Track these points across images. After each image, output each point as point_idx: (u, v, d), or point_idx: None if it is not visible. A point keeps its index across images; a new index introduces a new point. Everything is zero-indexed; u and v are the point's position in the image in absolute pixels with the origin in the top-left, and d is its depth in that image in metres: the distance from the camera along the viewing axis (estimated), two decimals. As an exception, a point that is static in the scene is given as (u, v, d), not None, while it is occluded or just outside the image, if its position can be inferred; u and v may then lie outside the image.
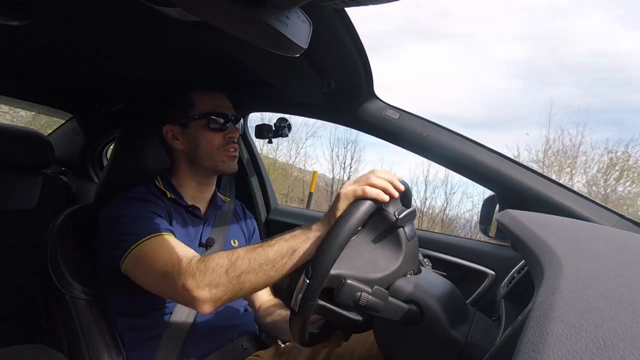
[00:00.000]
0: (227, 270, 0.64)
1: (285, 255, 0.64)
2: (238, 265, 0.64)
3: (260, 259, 0.64)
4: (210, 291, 0.64)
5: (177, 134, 0.92)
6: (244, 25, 0.46)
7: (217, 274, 0.64)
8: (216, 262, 0.65)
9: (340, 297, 0.52)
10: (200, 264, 0.66)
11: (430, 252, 1.08)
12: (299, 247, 0.64)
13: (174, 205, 0.89)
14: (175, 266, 0.67)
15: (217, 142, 0.90)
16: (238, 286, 0.64)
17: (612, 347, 0.20)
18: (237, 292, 0.65)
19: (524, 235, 0.47)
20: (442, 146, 0.96)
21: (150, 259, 0.71)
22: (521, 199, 0.88)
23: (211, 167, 0.91)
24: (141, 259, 0.72)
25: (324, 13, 0.67)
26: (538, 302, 0.27)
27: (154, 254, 0.71)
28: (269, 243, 0.66)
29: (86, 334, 0.80)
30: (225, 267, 0.64)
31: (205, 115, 0.89)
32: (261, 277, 0.64)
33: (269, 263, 0.64)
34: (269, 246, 0.66)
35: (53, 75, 1.18)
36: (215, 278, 0.64)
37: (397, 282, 0.59)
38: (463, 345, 0.55)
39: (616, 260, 0.38)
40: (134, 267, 0.73)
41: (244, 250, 0.66)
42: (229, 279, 0.64)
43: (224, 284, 0.64)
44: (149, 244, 0.72)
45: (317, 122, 8.62)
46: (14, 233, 1.22)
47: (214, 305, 0.65)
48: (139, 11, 0.69)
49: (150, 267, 0.71)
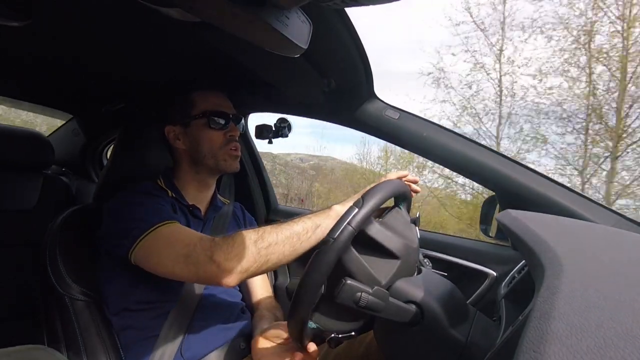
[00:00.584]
0: (256, 242, 0.67)
1: (309, 230, 0.69)
2: (266, 238, 0.67)
3: (287, 232, 0.68)
4: (239, 262, 0.66)
5: (179, 134, 0.92)
6: (244, 26, 0.46)
7: (245, 245, 0.67)
8: (244, 236, 0.68)
9: (340, 297, 0.52)
10: (227, 239, 0.68)
11: (430, 252, 1.08)
12: (321, 223, 0.70)
13: (176, 204, 0.90)
14: (197, 245, 0.69)
15: (219, 141, 0.91)
16: (266, 257, 0.67)
17: (613, 347, 0.20)
18: (264, 264, 0.68)
19: (524, 235, 0.47)
20: (442, 146, 0.96)
21: (168, 243, 0.72)
22: (521, 199, 0.88)
23: (213, 166, 0.91)
24: (156, 244, 0.73)
25: (324, 13, 0.67)
26: (538, 302, 0.27)
27: (171, 237, 0.73)
28: (293, 220, 0.71)
29: (84, 335, 0.80)
30: (254, 239, 0.67)
31: (205, 115, 0.90)
32: (288, 248, 0.68)
33: (295, 236, 0.68)
34: (293, 222, 0.70)
35: (53, 76, 1.18)
36: (243, 249, 0.66)
37: (397, 283, 0.59)
38: (463, 345, 0.55)
39: (616, 259, 0.38)
40: (147, 254, 0.73)
41: (270, 226, 0.70)
42: (257, 249, 0.67)
43: (252, 254, 0.66)
44: (162, 229, 0.73)
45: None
46: (14, 233, 1.22)
47: (239, 277, 0.67)
48: (139, 11, 0.69)
49: (168, 251, 0.71)
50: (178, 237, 0.72)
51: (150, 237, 0.73)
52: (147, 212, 0.77)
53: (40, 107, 1.57)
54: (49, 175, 1.36)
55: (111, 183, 0.97)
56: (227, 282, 0.67)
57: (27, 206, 1.26)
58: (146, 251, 0.73)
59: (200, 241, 0.70)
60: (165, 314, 0.82)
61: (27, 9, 0.72)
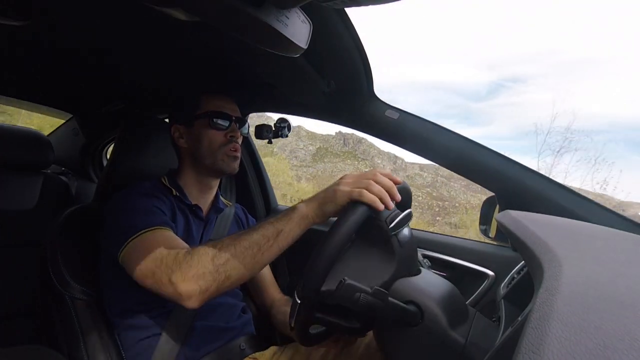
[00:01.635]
0: (213, 258, 0.63)
1: (270, 237, 0.64)
2: (224, 253, 0.63)
3: (246, 243, 0.64)
4: (197, 283, 0.62)
5: (183, 133, 0.94)
6: (244, 26, 0.46)
7: (203, 263, 0.63)
8: (202, 252, 0.64)
9: (339, 298, 0.52)
10: (187, 256, 0.65)
11: (430, 252, 1.08)
12: (283, 228, 0.64)
13: (177, 203, 0.90)
14: (163, 262, 0.66)
15: (218, 141, 0.91)
16: (225, 274, 0.63)
17: (612, 348, 0.20)
18: (225, 282, 0.64)
19: (523, 235, 0.47)
20: (441, 146, 0.96)
21: (144, 253, 0.70)
22: (521, 199, 0.88)
23: (211, 166, 0.92)
24: (135, 252, 0.71)
25: (324, 13, 0.67)
26: (538, 303, 0.27)
27: (149, 247, 0.70)
28: (253, 227, 0.66)
29: (85, 335, 0.80)
30: (211, 255, 0.63)
31: (208, 114, 0.91)
32: (249, 261, 0.64)
33: (254, 246, 0.64)
34: (253, 230, 0.65)
35: (53, 76, 1.18)
36: (201, 268, 0.63)
37: (396, 283, 0.59)
38: (463, 346, 0.55)
39: (616, 260, 0.38)
40: (128, 261, 0.72)
41: (229, 238, 0.66)
42: (215, 267, 0.63)
43: (210, 273, 0.63)
44: (145, 237, 0.72)
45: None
46: (14, 233, 1.22)
47: (200, 299, 0.64)
48: (139, 11, 0.69)
49: (142, 262, 0.70)
50: (154, 248, 0.70)
51: (133, 244, 0.72)
52: (135, 216, 0.76)
53: (40, 106, 1.57)
54: (48, 175, 1.36)
55: (111, 183, 0.97)
56: (188, 304, 0.64)
57: (27, 206, 1.26)
58: (129, 257, 0.72)
59: (168, 257, 0.67)
60: (167, 314, 0.82)
61: (27, 9, 0.72)
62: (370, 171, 0.64)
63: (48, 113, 1.78)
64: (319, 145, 16.20)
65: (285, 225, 0.65)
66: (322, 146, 16.17)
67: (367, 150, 15.90)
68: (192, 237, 0.89)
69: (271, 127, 1.26)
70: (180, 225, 0.87)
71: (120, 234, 0.74)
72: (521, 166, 0.91)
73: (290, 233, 0.65)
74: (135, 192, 0.84)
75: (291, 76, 0.92)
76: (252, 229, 0.67)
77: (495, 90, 40.46)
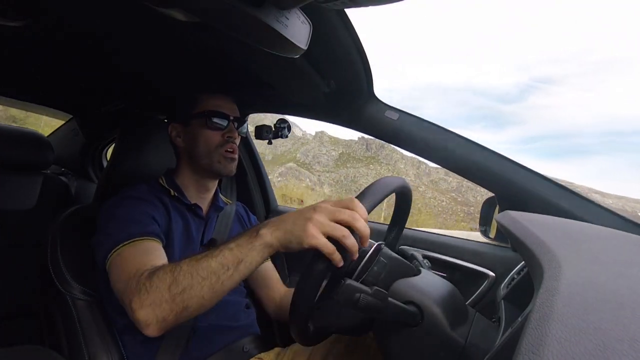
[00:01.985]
0: (170, 287, 0.59)
1: (230, 266, 0.59)
2: (180, 281, 0.59)
3: (203, 272, 0.59)
4: (153, 311, 0.60)
5: (180, 132, 0.94)
6: (244, 26, 0.46)
7: (159, 291, 0.60)
8: (159, 278, 0.61)
9: (339, 298, 0.52)
10: (146, 281, 0.62)
11: (429, 253, 1.08)
12: (244, 257, 0.59)
13: (176, 204, 0.89)
14: (129, 283, 0.64)
15: (215, 141, 0.90)
16: (182, 304, 0.60)
17: (612, 349, 0.20)
18: (183, 312, 0.60)
19: (523, 236, 0.47)
20: (441, 147, 0.96)
21: (118, 273, 0.69)
22: (521, 200, 0.88)
23: (207, 167, 0.91)
24: (114, 269, 0.71)
25: (324, 14, 0.67)
26: (538, 304, 0.27)
27: (122, 267, 0.69)
28: (212, 252, 0.61)
29: (86, 335, 0.80)
30: (168, 283, 0.60)
31: (205, 114, 0.90)
32: (207, 291, 0.59)
33: (212, 276, 0.59)
34: (212, 257, 0.60)
35: (53, 76, 1.18)
36: (158, 296, 0.60)
37: (396, 283, 0.59)
38: (463, 346, 0.55)
39: (616, 261, 0.38)
40: (110, 277, 0.72)
41: (187, 264, 0.61)
42: (171, 296, 0.59)
43: (167, 301, 0.59)
44: (123, 252, 0.71)
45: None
46: (14, 233, 1.22)
47: (158, 328, 0.61)
48: (139, 12, 0.69)
49: (116, 284, 0.69)
50: (126, 267, 0.68)
51: (112, 260, 0.72)
52: (118, 227, 0.75)
53: (40, 107, 1.57)
54: (48, 175, 1.36)
55: (112, 183, 0.97)
56: (147, 333, 0.61)
57: (27, 206, 1.26)
58: (110, 274, 0.72)
59: (132, 280, 0.64)
60: None
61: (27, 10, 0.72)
62: (349, 213, 0.55)
63: (48, 113, 1.78)
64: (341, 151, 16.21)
65: (246, 254, 0.59)
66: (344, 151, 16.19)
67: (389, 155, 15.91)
68: (192, 237, 0.89)
69: (271, 127, 1.26)
70: (179, 227, 0.87)
71: (102, 245, 0.74)
72: (521, 167, 0.91)
73: (252, 262, 0.60)
74: (126, 197, 0.83)
75: (291, 77, 0.92)
76: (212, 253, 0.61)
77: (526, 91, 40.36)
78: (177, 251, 0.84)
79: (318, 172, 14.75)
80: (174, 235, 0.84)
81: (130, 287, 0.64)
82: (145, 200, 0.83)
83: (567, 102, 31.53)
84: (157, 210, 0.83)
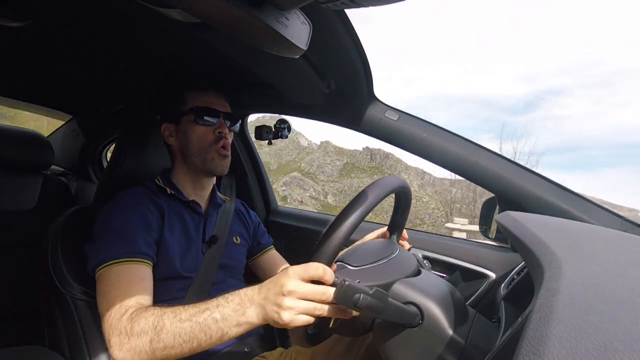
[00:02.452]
0: (151, 341, 0.61)
1: (213, 336, 0.60)
2: (162, 339, 0.61)
3: (186, 336, 0.60)
4: (131, 356, 0.61)
5: (172, 131, 0.93)
6: (244, 27, 0.46)
7: (140, 341, 0.61)
8: (141, 328, 0.62)
9: (339, 298, 0.52)
10: (127, 324, 0.63)
11: (430, 253, 1.08)
12: (228, 331, 0.59)
13: (173, 203, 0.89)
14: (111, 315, 0.66)
15: (207, 138, 0.90)
16: (162, 357, 0.61)
17: (612, 350, 0.20)
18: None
19: (523, 236, 0.47)
20: (441, 148, 0.96)
21: (102, 294, 0.70)
22: (521, 200, 0.88)
23: (201, 165, 0.90)
24: (100, 287, 0.71)
25: (324, 14, 0.67)
26: (538, 304, 0.27)
27: (107, 289, 0.70)
28: (197, 316, 0.60)
29: (87, 335, 0.80)
30: (150, 337, 0.61)
31: (193, 110, 0.90)
32: (187, 351, 0.61)
33: (194, 340, 0.60)
34: (197, 322, 0.60)
35: (53, 77, 1.18)
36: (138, 345, 0.61)
37: (396, 284, 0.59)
38: (463, 347, 0.55)
39: (616, 261, 0.37)
40: (97, 291, 0.72)
41: (171, 322, 0.61)
42: (152, 350, 0.61)
43: (146, 352, 0.61)
44: (110, 273, 0.71)
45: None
46: (14, 234, 1.22)
47: None
48: (138, 12, 0.69)
49: (100, 304, 0.70)
50: (112, 290, 0.69)
51: (100, 276, 0.72)
52: (109, 242, 0.75)
53: (40, 108, 1.57)
54: (48, 175, 1.36)
55: (112, 184, 0.97)
56: None
57: (27, 207, 1.26)
58: (97, 282, 0.72)
59: (115, 313, 0.65)
60: None
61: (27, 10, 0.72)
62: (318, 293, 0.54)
63: (48, 114, 1.78)
64: (346, 161, 16.22)
65: (230, 329, 0.59)
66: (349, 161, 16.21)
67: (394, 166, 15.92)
68: (191, 235, 0.89)
69: (271, 128, 1.26)
70: (176, 228, 0.86)
71: (90, 259, 0.75)
72: (521, 167, 0.91)
73: (234, 335, 0.60)
74: (121, 203, 0.82)
75: (291, 77, 0.92)
76: (196, 317, 0.60)
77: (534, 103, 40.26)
78: (177, 251, 0.84)
79: (322, 181, 14.80)
80: (172, 237, 0.84)
81: (111, 323, 0.65)
82: (140, 206, 0.82)
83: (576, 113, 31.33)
84: (151, 215, 0.82)
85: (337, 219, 0.58)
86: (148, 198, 0.86)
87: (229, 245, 0.96)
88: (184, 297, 0.83)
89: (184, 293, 0.84)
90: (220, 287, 0.89)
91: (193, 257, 0.86)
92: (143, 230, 0.79)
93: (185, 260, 0.85)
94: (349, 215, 0.57)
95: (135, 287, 0.71)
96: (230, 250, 0.96)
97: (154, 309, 0.64)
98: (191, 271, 0.85)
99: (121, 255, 0.73)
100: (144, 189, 0.89)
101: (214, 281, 0.88)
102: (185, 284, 0.84)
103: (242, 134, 1.43)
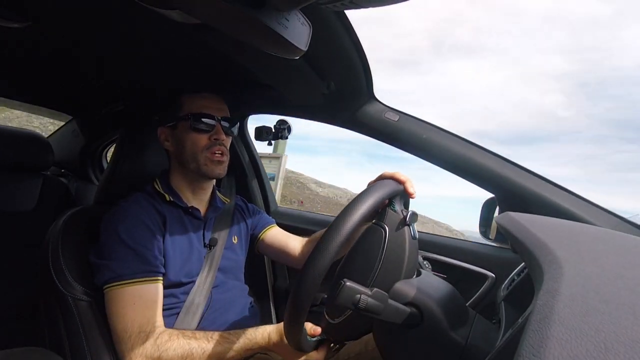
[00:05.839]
0: None
1: None
2: None
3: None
4: None
5: (168, 135, 0.92)
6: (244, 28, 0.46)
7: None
8: (170, 357, 0.69)
9: (339, 299, 0.52)
10: (153, 350, 0.69)
11: (430, 254, 1.08)
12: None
13: (172, 209, 0.88)
14: (127, 336, 0.70)
15: (202, 144, 0.88)
16: None
17: (613, 351, 0.20)
18: None
19: (523, 237, 0.47)
20: (441, 148, 0.96)
21: (118, 310, 0.73)
22: (521, 201, 0.88)
23: (195, 170, 0.89)
24: (111, 302, 0.74)
25: (324, 15, 0.67)
26: (538, 305, 0.27)
27: (125, 306, 0.73)
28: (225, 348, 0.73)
29: (88, 336, 0.80)
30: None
31: (189, 116, 0.88)
32: None
33: None
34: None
35: (53, 77, 1.18)
36: None
37: (396, 285, 0.59)
38: (463, 347, 0.55)
39: (617, 262, 0.37)
40: (107, 305, 0.75)
41: (199, 354, 0.71)
42: None
43: None
44: (126, 291, 0.74)
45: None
46: (14, 234, 1.22)
47: None
48: (138, 13, 0.69)
49: (114, 319, 0.73)
50: (128, 311, 0.72)
51: (110, 293, 0.74)
52: (121, 257, 0.76)
53: (40, 108, 1.57)
54: (48, 176, 1.36)
55: (112, 185, 0.97)
56: None
57: (27, 207, 1.26)
58: (107, 302, 0.75)
59: (136, 335, 0.70)
60: (175, 315, 0.82)
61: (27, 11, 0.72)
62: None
63: (48, 115, 1.78)
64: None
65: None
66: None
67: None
68: (192, 240, 0.88)
69: (271, 128, 1.26)
70: (178, 233, 0.86)
71: (101, 273, 0.76)
72: (521, 168, 0.92)
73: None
74: (126, 215, 0.81)
75: (291, 78, 0.92)
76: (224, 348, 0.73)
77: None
78: (180, 258, 0.84)
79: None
80: (174, 244, 0.84)
81: (132, 346, 0.69)
82: (145, 217, 0.82)
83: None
84: (156, 225, 0.83)
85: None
86: (151, 206, 0.85)
87: (228, 246, 0.96)
88: (183, 302, 0.83)
89: (186, 296, 0.84)
90: (221, 289, 0.90)
91: (194, 262, 0.87)
92: (151, 243, 0.79)
93: (187, 266, 0.85)
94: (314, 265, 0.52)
95: (152, 308, 0.74)
96: (229, 251, 0.96)
97: (179, 339, 0.72)
98: (192, 275, 0.85)
99: (136, 275, 0.75)
100: (145, 196, 0.88)
101: (215, 284, 0.89)
102: (187, 288, 0.85)
103: (242, 135, 1.43)
